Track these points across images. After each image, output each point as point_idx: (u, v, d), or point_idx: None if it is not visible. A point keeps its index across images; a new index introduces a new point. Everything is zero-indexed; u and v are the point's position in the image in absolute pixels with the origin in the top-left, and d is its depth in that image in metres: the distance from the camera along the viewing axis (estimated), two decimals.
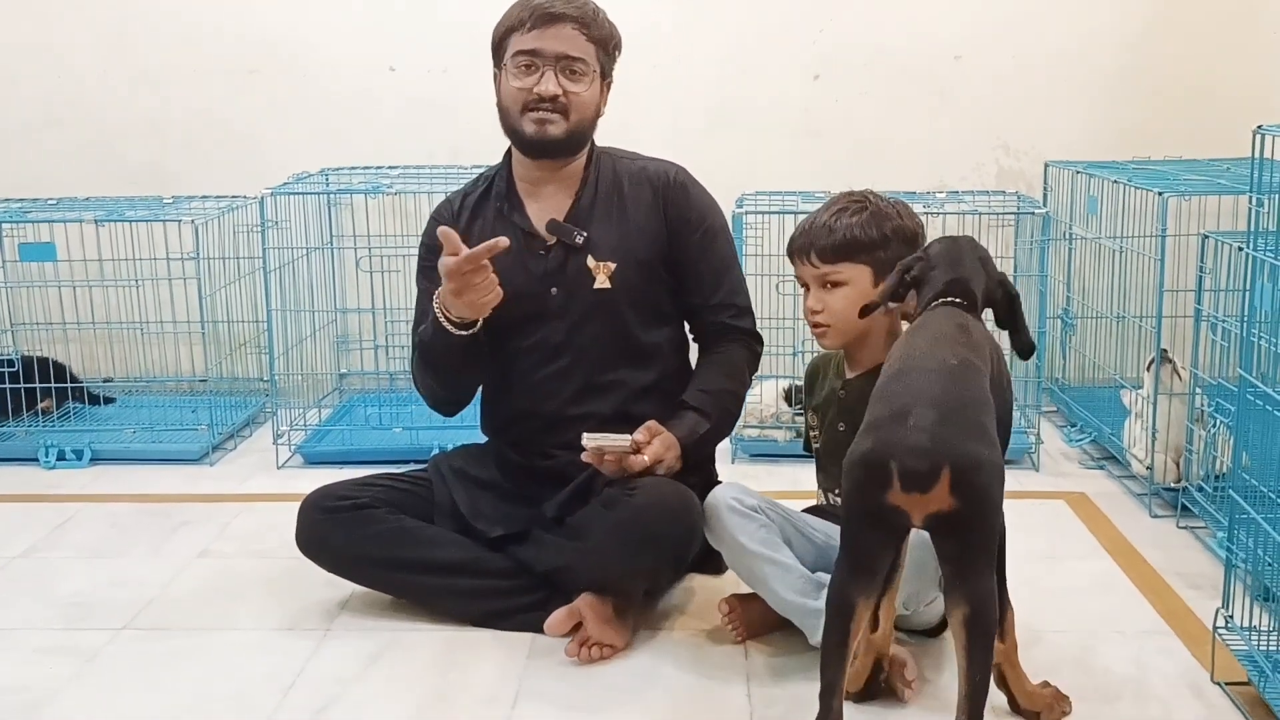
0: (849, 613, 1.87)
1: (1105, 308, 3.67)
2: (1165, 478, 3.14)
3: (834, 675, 1.89)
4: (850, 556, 1.88)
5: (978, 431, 1.80)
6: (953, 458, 1.76)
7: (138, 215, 3.71)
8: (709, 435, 2.58)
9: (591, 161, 2.61)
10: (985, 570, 1.82)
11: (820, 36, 4.09)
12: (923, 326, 2.03)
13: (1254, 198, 2.22)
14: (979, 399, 1.85)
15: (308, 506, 2.57)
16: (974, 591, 1.81)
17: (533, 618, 2.47)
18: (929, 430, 1.78)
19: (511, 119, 2.52)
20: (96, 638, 2.51)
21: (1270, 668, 2.16)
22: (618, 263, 2.54)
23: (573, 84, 2.49)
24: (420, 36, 4.11)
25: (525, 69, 2.48)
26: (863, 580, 1.88)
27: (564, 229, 2.54)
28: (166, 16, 4.12)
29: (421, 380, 2.62)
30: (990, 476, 1.79)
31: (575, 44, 2.48)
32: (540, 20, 2.46)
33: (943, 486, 1.76)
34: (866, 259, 2.36)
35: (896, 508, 1.79)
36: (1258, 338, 2.27)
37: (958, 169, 4.12)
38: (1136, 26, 4.04)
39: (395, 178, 3.85)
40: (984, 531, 1.82)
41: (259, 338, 3.95)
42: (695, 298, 2.62)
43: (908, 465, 1.77)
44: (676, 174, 2.63)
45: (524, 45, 2.48)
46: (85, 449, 3.62)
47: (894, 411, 1.82)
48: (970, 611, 1.80)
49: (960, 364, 1.88)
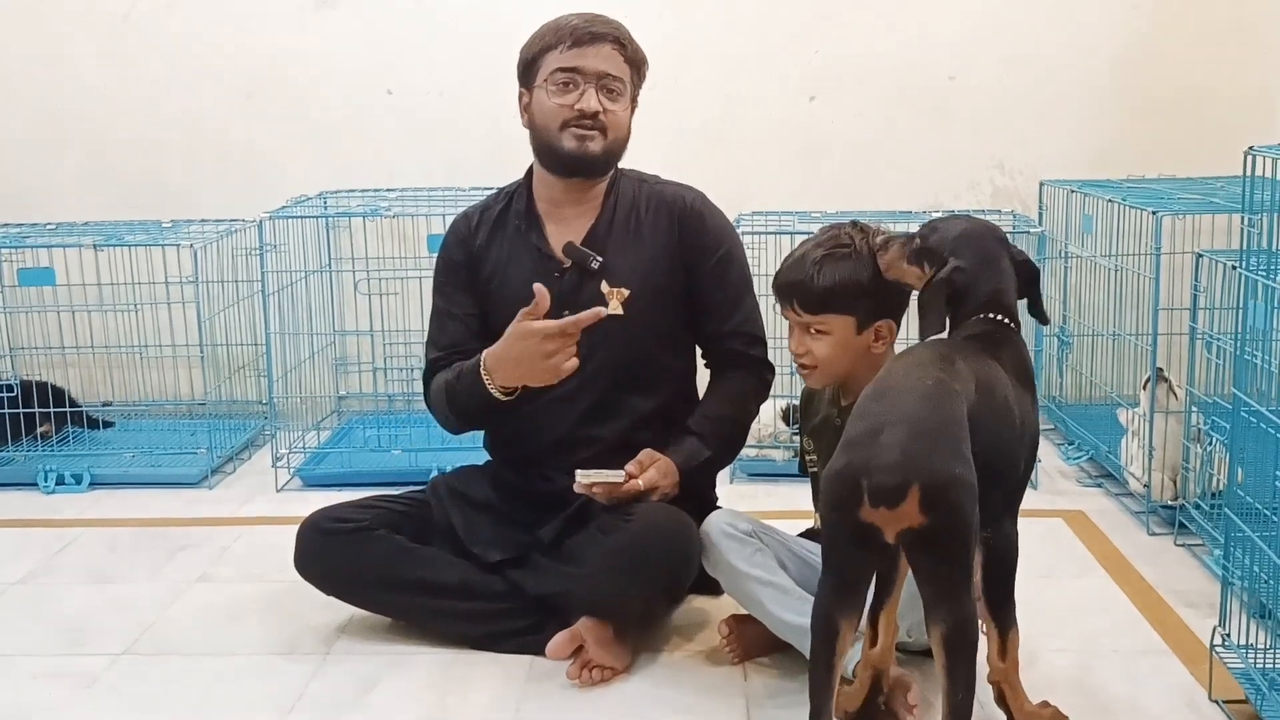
0: (833, 633, 1.88)
1: (1101, 326, 3.68)
2: (1162, 495, 3.14)
3: (822, 699, 1.89)
4: (831, 575, 1.89)
5: (949, 449, 1.81)
6: (922, 474, 1.77)
7: (136, 239, 3.72)
8: (709, 463, 2.58)
9: (613, 185, 2.61)
10: (962, 587, 1.82)
11: (815, 57, 4.11)
12: (907, 353, 2.04)
13: (1246, 217, 2.23)
14: (953, 419, 1.85)
15: (306, 528, 2.58)
16: (952, 610, 1.81)
17: (529, 641, 2.47)
18: (899, 446, 1.78)
19: (549, 136, 2.51)
20: (95, 663, 2.51)
21: (1267, 686, 2.16)
22: (632, 289, 2.53)
23: (611, 103, 2.51)
24: (417, 59, 4.13)
25: (564, 86, 2.49)
26: (845, 599, 1.88)
27: (580, 253, 2.54)
28: (164, 40, 4.14)
29: (440, 411, 2.61)
30: (961, 493, 1.79)
31: (615, 63, 2.50)
32: (581, 39, 2.47)
33: (912, 503, 1.76)
34: (847, 310, 2.32)
35: (869, 524, 1.80)
36: (1252, 355, 2.28)
37: (953, 188, 4.13)
38: (1130, 45, 4.06)
39: (393, 200, 3.86)
40: (958, 548, 1.81)
41: (258, 361, 3.95)
42: (709, 325, 2.62)
43: (876, 481, 1.77)
44: (694, 200, 2.63)
45: (564, 63, 2.48)
46: (84, 473, 3.62)
47: (868, 429, 1.84)
48: (948, 630, 1.81)
49: (935, 384, 1.88)
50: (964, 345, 2.04)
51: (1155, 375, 3.13)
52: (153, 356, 4.00)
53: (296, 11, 4.13)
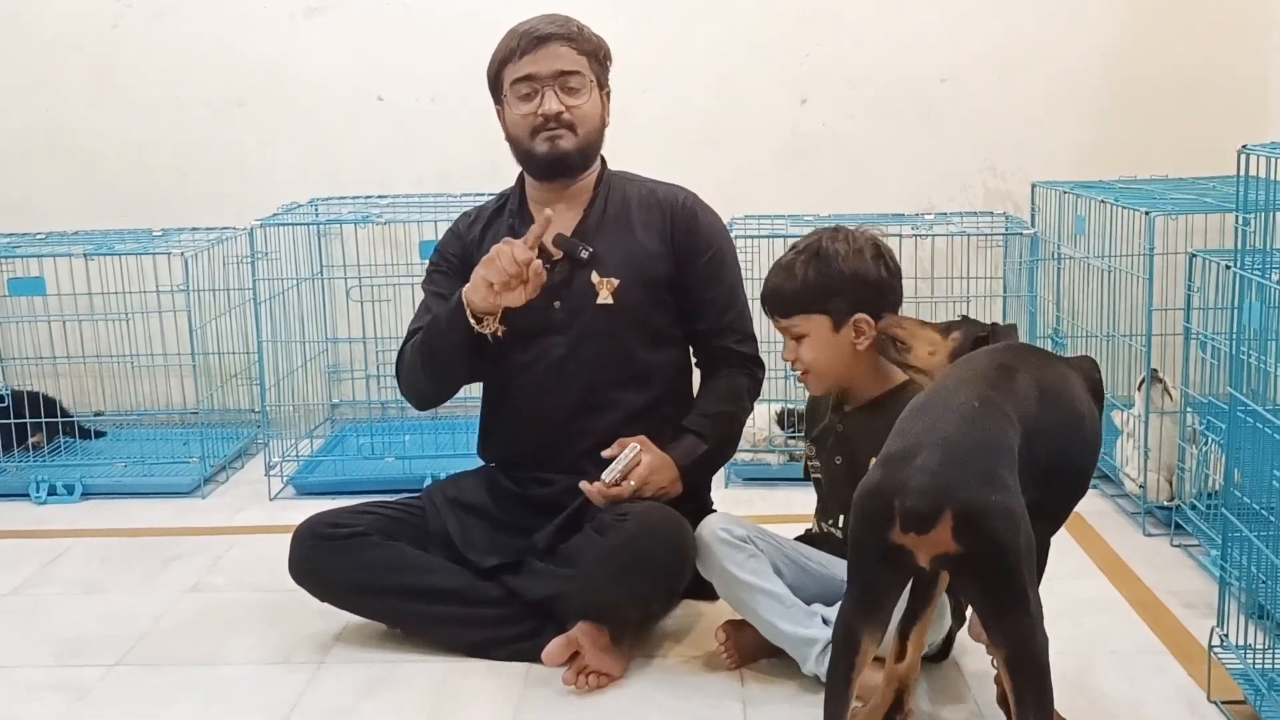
0: (854, 648, 1.84)
1: (1095, 327, 3.68)
2: (1158, 496, 3.14)
3: (836, 711, 1.86)
4: (856, 590, 1.85)
5: (986, 476, 1.74)
6: (956, 501, 1.72)
7: (127, 248, 3.70)
8: (707, 458, 2.58)
9: (601, 181, 2.63)
10: (1018, 610, 1.75)
11: (807, 60, 4.10)
12: (966, 360, 2.00)
13: (1240, 216, 2.22)
14: (994, 442, 1.78)
15: (300, 534, 2.57)
16: (1009, 633, 1.76)
17: (526, 648, 2.46)
18: (932, 470, 1.73)
19: (523, 146, 2.56)
20: (89, 674, 2.50)
21: (1266, 685, 2.16)
22: (622, 279, 2.55)
23: (573, 98, 2.53)
24: (408, 66, 4.12)
25: (526, 96, 2.53)
26: (869, 615, 1.85)
27: (570, 243, 2.55)
28: (154, 48, 4.13)
29: (407, 364, 2.61)
30: (997, 521, 1.72)
31: (567, 59, 2.52)
32: (529, 45, 2.51)
33: (945, 529, 1.71)
34: (819, 309, 2.36)
35: (900, 546, 1.76)
36: (1247, 355, 2.27)
37: (945, 190, 4.13)
38: (1121, 45, 4.06)
39: (385, 207, 3.85)
40: (1001, 575, 1.75)
41: (250, 369, 3.93)
42: (700, 323, 2.63)
43: (908, 505, 1.73)
44: (686, 199, 2.65)
45: (519, 73, 2.52)
46: (77, 483, 3.61)
47: (903, 448, 1.79)
48: (1008, 653, 1.76)
49: (981, 404, 1.82)
50: (1034, 352, 2.00)
51: (1150, 376, 3.13)
52: (144, 365, 3.99)
53: (287, 19, 4.12)
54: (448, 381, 2.63)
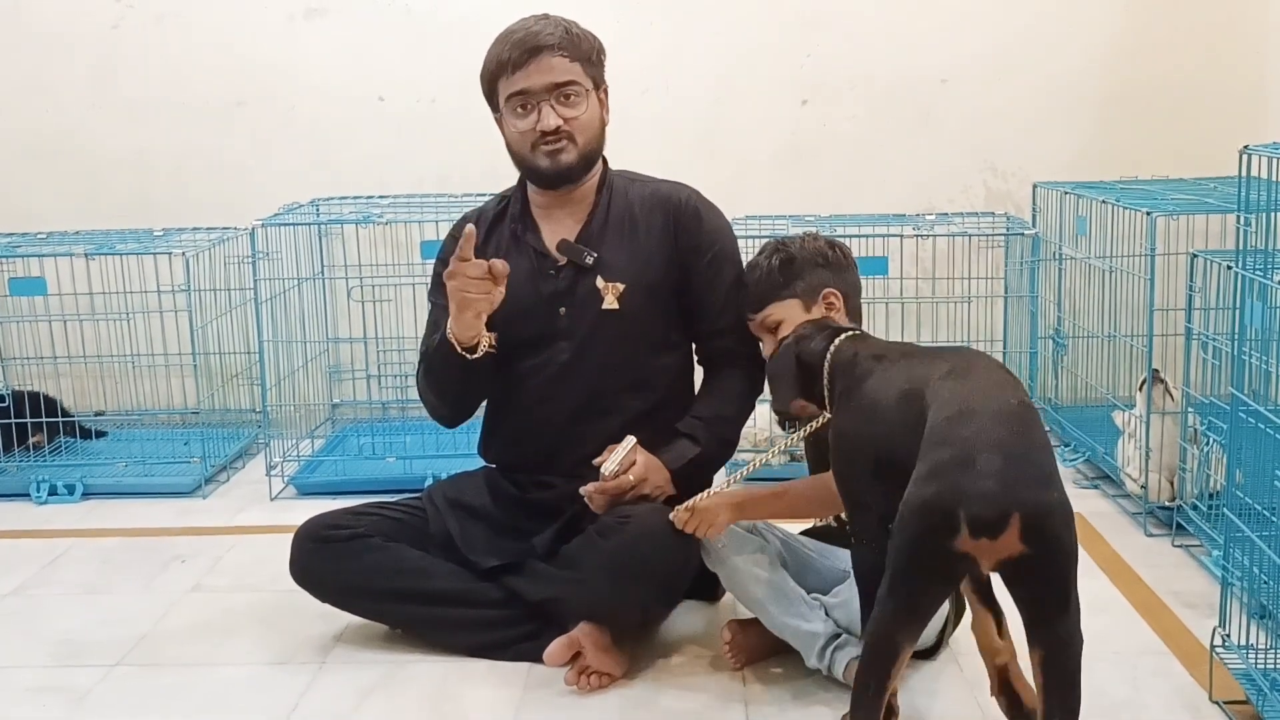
0: (893, 657, 1.84)
1: (1096, 327, 3.68)
2: (1160, 497, 3.14)
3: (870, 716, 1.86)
4: (900, 602, 1.83)
5: (1045, 476, 1.77)
6: (1023, 505, 1.72)
7: (128, 248, 3.70)
8: (698, 461, 2.57)
9: (604, 183, 2.62)
10: (1062, 613, 1.78)
11: (807, 61, 4.10)
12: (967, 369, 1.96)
13: (1241, 217, 2.22)
14: (1043, 442, 1.81)
15: (301, 536, 2.57)
16: (1051, 634, 1.78)
17: (526, 649, 2.46)
18: (997, 476, 1.73)
19: (524, 158, 2.54)
20: (89, 675, 2.49)
21: (1268, 686, 2.15)
22: (627, 284, 2.54)
23: (571, 109, 2.50)
24: (408, 66, 4.12)
25: (522, 110, 2.50)
26: (912, 627, 1.85)
27: (574, 249, 2.55)
28: (155, 49, 4.13)
29: (424, 392, 2.63)
30: (1062, 521, 1.75)
31: (561, 70, 2.48)
32: (521, 59, 2.46)
33: (1012, 533, 1.72)
34: (788, 294, 2.44)
35: (965, 554, 1.75)
36: (1249, 355, 2.27)
37: (946, 191, 4.13)
38: (1122, 47, 4.06)
39: (385, 207, 3.85)
40: (1058, 575, 1.77)
41: (251, 369, 3.93)
42: (703, 322, 2.63)
43: (976, 512, 1.72)
44: (689, 197, 2.63)
45: (513, 88, 2.48)
46: (77, 484, 3.60)
47: (956, 457, 1.77)
48: (1046, 655, 1.78)
49: (1019, 405, 1.84)
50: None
51: (1151, 376, 3.13)
52: (145, 365, 3.99)
53: (287, 20, 4.12)
54: (465, 402, 2.65)
